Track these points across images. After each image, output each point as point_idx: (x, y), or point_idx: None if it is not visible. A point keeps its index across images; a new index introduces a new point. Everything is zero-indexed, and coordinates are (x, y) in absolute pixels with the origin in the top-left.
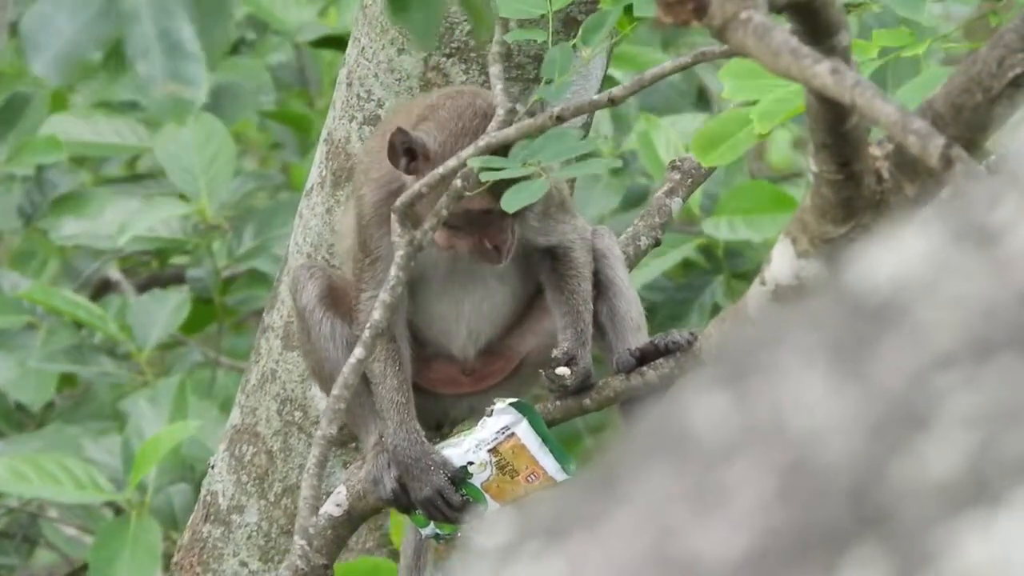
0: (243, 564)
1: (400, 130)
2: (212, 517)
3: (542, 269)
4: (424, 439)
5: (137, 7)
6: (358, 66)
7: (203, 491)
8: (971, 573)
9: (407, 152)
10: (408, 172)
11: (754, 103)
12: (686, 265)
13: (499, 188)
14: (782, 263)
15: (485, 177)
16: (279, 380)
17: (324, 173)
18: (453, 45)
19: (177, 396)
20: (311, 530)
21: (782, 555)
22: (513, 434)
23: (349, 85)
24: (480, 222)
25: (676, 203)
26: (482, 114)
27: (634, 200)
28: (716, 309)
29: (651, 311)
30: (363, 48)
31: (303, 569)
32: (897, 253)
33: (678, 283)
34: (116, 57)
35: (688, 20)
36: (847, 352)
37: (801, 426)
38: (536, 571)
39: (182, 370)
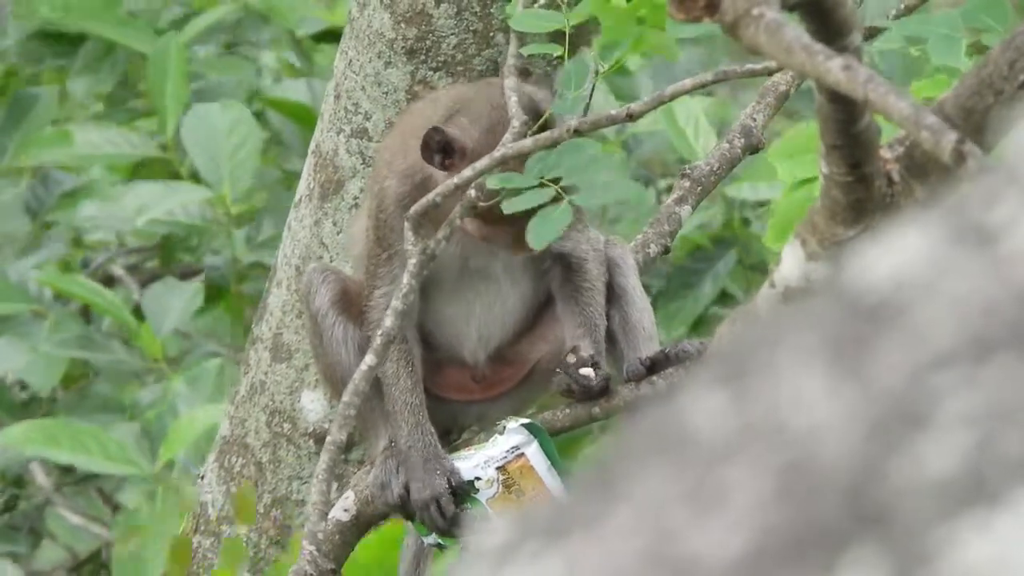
0: None
1: (436, 129)
2: (202, 528)
3: (553, 278)
4: (437, 442)
5: None
6: (345, 79)
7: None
8: (970, 572)
9: (442, 149)
10: (443, 168)
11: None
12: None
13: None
14: (792, 265)
15: (508, 208)
16: (268, 392)
17: (312, 185)
18: (440, 59)
19: (216, 379)
20: (320, 535)
21: (780, 554)
22: (522, 454)
23: (337, 98)
24: (507, 220)
25: (686, 211)
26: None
27: None
28: (740, 271)
29: (660, 290)
30: (350, 61)
31: (311, 574)
32: (895, 252)
33: (690, 255)
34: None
35: (700, 16)
36: (845, 351)
37: (799, 425)
38: (534, 571)
39: (195, 359)
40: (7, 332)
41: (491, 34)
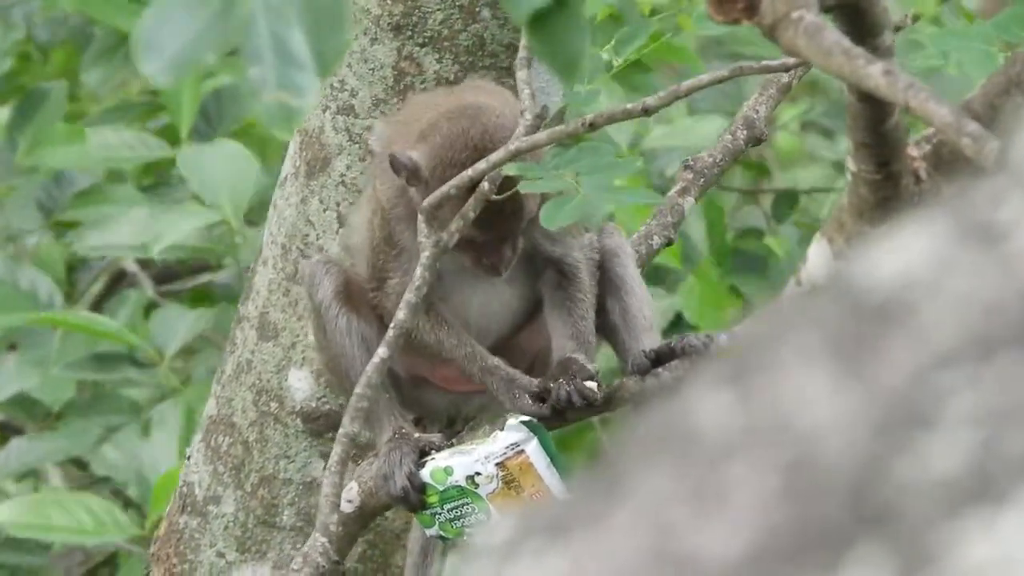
0: (220, 555)
1: (393, 155)
2: (188, 508)
3: (545, 282)
4: (509, 367)
5: (253, 11)
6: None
7: (179, 482)
8: (974, 572)
9: (405, 167)
10: (409, 184)
11: None
12: None
13: (490, 217)
14: (818, 263)
15: (524, 188)
16: (255, 370)
17: (298, 163)
18: (426, 34)
19: (184, 423)
20: (331, 527)
21: (783, 554)
22: (522, 451)
23: None
24: (475, 245)
25: (688, 202)
26: (472, 147)
27: None
28: None
29: None
30: None
31: (324, 566)
32: (900, 251)
33: None
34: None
35: (739, 19)
36: (850, 350)
37: (803, 424)
38: (537, 569)
39: (204, 377)
40: (21, 343)
41: (477, 9)
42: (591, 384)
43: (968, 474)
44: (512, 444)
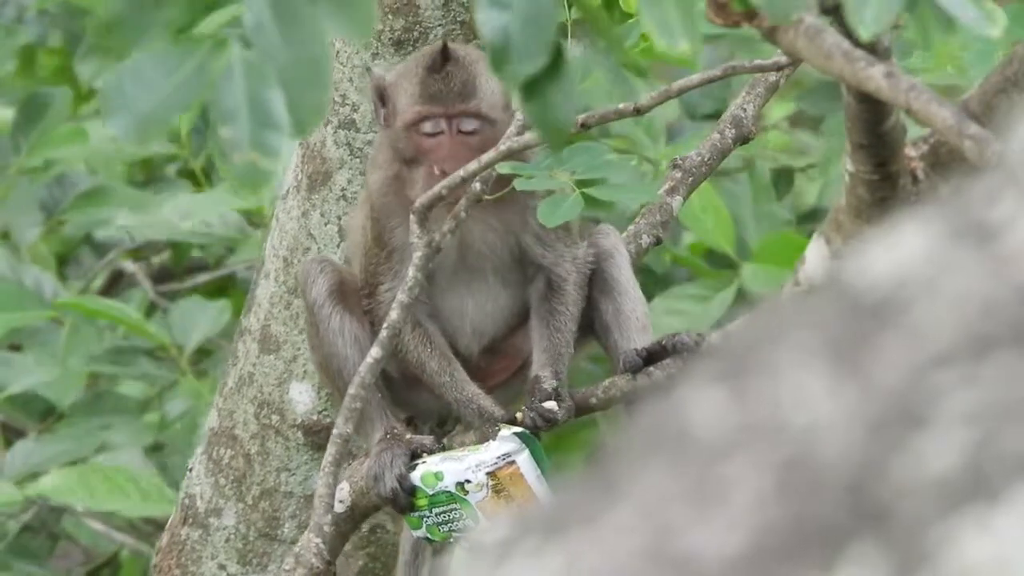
0: (221, 567)
1: (368, 69)
2: (190, 520)
3: (533, 289)
4: (488, 400)
5: (231, 70)
6: (332, 70)
7: (181, 494)
8: (969, 570)
9: (380, 97)
10: (384, 123)
11: None
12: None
13: (436, 91)
14: (816, 263)
15: (520, 186)
16: (256, 383)
17: (300, 177)
18: None
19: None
20: (325, 528)
21: (780, 552)
22: (513, 462)
23: None
24: (429, 146)
25: (677, 201)
26: (436, 51)
27: None
28: None
29: None
30: (337, 52)
31: (318, 567)
32: (896, 250)
33: None
34: None
35: (739, 22)
36: (846, 349)
37: (799, 423)
38: (534, 567)
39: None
40: (26, 342)
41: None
42: (550, 404)
43: (963, 473)
44: (503, 454)
